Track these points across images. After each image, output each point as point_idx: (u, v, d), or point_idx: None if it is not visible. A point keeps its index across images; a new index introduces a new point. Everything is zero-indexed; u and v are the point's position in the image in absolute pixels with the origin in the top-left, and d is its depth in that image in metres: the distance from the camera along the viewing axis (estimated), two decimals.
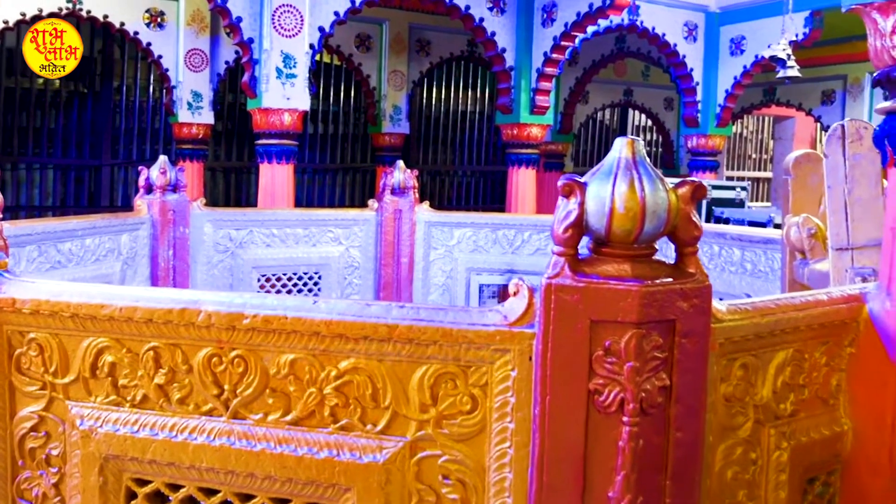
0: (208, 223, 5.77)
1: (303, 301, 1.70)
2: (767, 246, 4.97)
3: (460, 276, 6.48)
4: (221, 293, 1.77)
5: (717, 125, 9.20)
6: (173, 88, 8.97)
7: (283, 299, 1.73)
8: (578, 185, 1.51)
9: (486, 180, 13.60)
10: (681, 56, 9.10)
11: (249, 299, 1.72)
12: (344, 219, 6.31)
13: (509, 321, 1.59)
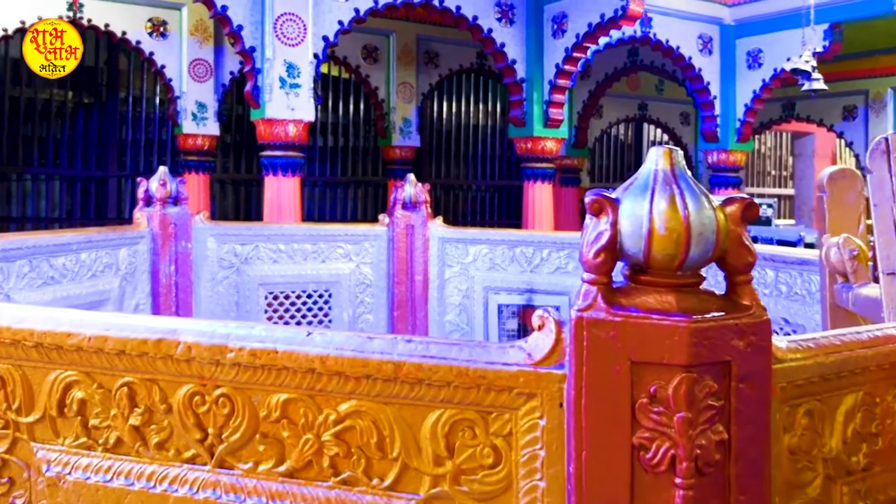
0: (212, 237, 5.57)
1: (295, 332, 1.48)
2: (804, 267, 4.71)
3: (478, 296, 6.25)
4: (202, 322, 1.55)
5: (738, 140, 8.97)
6: (177, 99, 8.80)
7: (273, 330, 1.51)
8: (609, 202, 1.28)
9: (499, 195, 13.39)
10: (696, 69, 8.89)
11: (234, 329, 1.50)
12: (354, 234, 6.10)
13: (534, 360, 1.37)
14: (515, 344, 1.40)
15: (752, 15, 8.91)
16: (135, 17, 8.52)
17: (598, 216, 1.29)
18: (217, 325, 1.52)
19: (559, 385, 1.34)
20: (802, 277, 4.71)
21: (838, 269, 3.63)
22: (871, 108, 10.45)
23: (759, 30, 8.80)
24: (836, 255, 3.59)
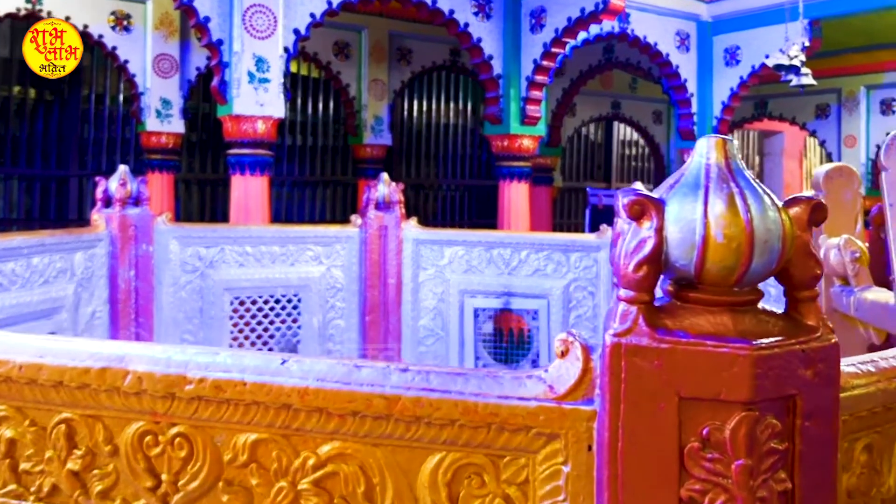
0: (174, 240, 5.28)
1: (267, 360, 1.24)
2: None
3: (453, 300, 6.01)
4: (156, 347, 1.30)
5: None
6: (141, 95, 8.45)
7: (240, 357, 1.26)
8: (654, 204, 1.06)
9: (470, 195, 13.17)
10: (674, 66, 8.73)
11: (194, 356, 1.26)
12: (325, 236, 5.84)
13: (557, 393, 1.14)
14: (534, 373, 1.17)
15: (729, 11, 8.78)
16: (97, 10, 8.17)
17: (638, 220, 1.06)
18: (173, 350, 1.27)
19: (588, 424, 1.11)
20: None
21: (838, 271, 3.46)
22: (843, 107, 10.39)
23: (737, 26, 8.66)
24: (837, 258, 3.42)
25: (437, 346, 6.06)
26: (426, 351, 6.05)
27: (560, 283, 5.85)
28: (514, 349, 6.10)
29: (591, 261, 5.80)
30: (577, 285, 5.83)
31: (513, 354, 6.09)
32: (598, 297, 5.78)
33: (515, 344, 6.16)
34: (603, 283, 5.76)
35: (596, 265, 5.78)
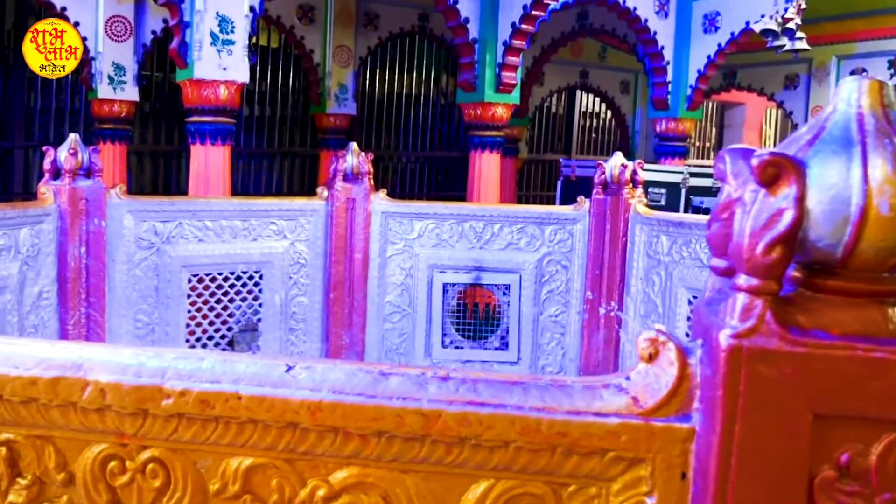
0: (129, 214, 4.93)
1: (267, 367, 0.98)
2: None
3: (422, 275, 5.76)
4: (124, 350, 1.03)
5: (688, 108, 8.63)
6: (92, 60, 7.96)
7: (234, 362, 1.00)
8: (794, 167, 0.81)
9: (430, 167, 12.88)
10: (651, 32, 8.45)
11: (173, 362, 0.99)
12: (289, 209, 5.53)
13: (644, 407, 0.90)
14: (611, 381, 0.93)
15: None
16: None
17: (771, 187, 0.81)
18: (145, 355, 1.00)
19: (683, 446, 0.88)
20: None
21: None
22: (813, 77, 10.27)
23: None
24: None
25: (403, 323, 5.82)
26: (392, 328, 5.81)
27: (533, 257, 5.64)
28: (483, 325, 5.89)
29: (566, 234, 5.59)
30: (550, 259, 5.63)
31: (481, 331, 5.88)
32: (572, 271, 5.58)
33: (484, 320, 5.94)
34: (577, 256, 5.56)
35: (571, 238, 5.58)
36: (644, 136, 12.40)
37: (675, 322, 4.96)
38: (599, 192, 5.45)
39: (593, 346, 5.51)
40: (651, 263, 5.18)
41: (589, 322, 5.50)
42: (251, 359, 1.04)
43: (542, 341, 5.69)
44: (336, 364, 1.02)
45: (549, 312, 5.66)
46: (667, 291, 5.04)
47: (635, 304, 5.29)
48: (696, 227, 4.85)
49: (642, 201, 5.37)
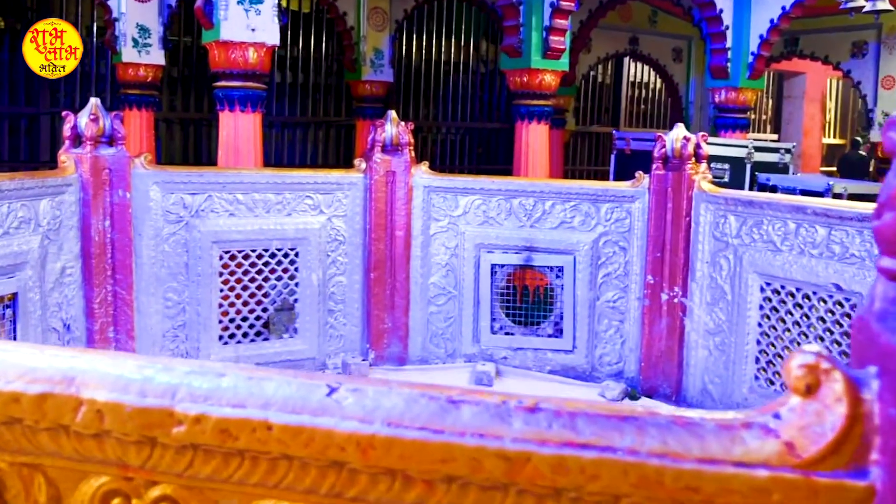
0: (155, 185, 4.60)
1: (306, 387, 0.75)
2: (864, 224, 3.94)
3: (468, 254, 5.39)
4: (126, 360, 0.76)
5: (750, 77, 8.11)
6: (115, 22, 7.60)
7: (262, 380, 0.73)
8: None
9: (471, 139, 12.46)
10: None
11: (186, 377, 0.74)
12: (326, 182, 5.17)
13: (802, 456, 0.64)
14: (754, 419, 0.61)
15: None
16: None
17: None
18: (153, 367, 0.77)
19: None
20: (862, 236, 3.94)
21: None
22: (883, 45, 9.65)
23: None
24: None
25: (448, 306, 5.46)
26: (437, 311, 5.46)
27: (588, 237, 5.23)
28: (535, 310, 5.50)
29: (623, 212, 5.17)
30: (607, 239, 5.22)
31: (533, 316, 5.49)
32: (631, 253, 5.18)
33: (536, 304, 5.55)
34: (636, 237, 5.15)
35: (629, 217, 5.16)
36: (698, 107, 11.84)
37: (746, 311, 4.54)
38: (660, 168, 5.02)
39: (655, 335, 5.11)
40: (718, 246, 4.75)
41: (650, 309, 5.10)
42: (283, 377, 0.73)
43: (599, 329, 5.30)
44: (391, 387, 0.78)
45: (606, 297, 5.26)
46: (736, 277, 4.62)
47: (701, 290, 4.87)
48: (768, 206, 4.42)
49: (707, 177, 4.94)
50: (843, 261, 4.05)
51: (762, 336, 4.51)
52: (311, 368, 5.23)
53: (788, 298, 4.35)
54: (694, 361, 4.97)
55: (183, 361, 0.79)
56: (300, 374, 0.78)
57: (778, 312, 4.42)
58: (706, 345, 4.87)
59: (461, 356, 5.50)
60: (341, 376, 0.78)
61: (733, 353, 4.67)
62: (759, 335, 4.52)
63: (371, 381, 0.79)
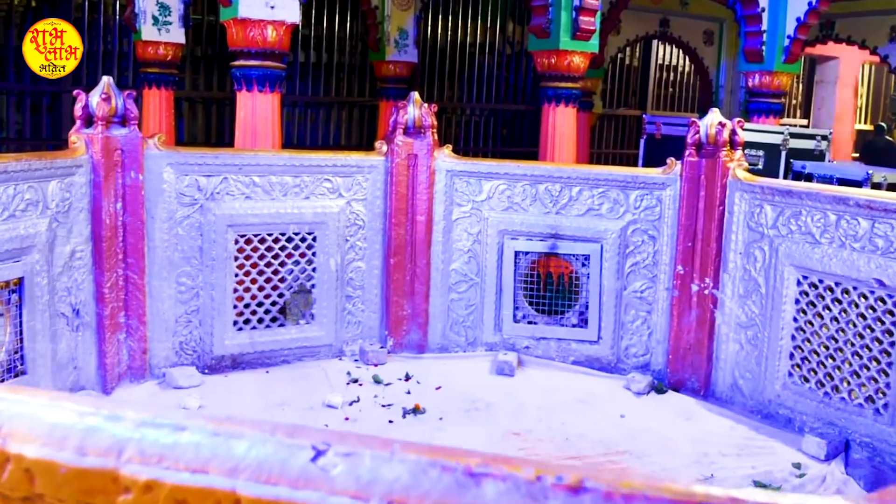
0: (169, 167, 4.46)
1: (285, 449, 0.60)
2: None
3: (491, 241, 5.21)
4: (65, 402, 0.63)
5: (785, 60, 7.82)
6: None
7: (231, 437, 0.57)
8: None
9: (496, 121, 12.23)
10: None
11: (138, 429, 0.62)
12: (345, 165, 5.01)
13: None
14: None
15: None
16: None
17: None
18: (97, 415, 0.66)
19: None
20: None
21: None
22: None
23: None
24: None
25: (470, 293, 5.30)
26: (458, 298, 5.30)
27: (616, 225, 5.04)
28: (559, 299, 5.32)
29: (653, 200, 4.97)
30: (635, 228, 5.02)
31: (557, 305, 5.31)
32: (660, 243, 4.98)
33: (560, 293, 5.36)
34: (667, 225, 4.95)
35: (659, 205, 4.96)
36: (729, 90, 11.54)
37: (781, 305, 4.34)
38: (693, 154, 4.81)
39: (684, 328, 4.91)
40: (752, 237, 4.54)
41: (679, 300, 4.90)
42: (258, 433, 0.55)
43: (625, 319, 5.11)
44: (393, 451, 0.61)
45: (633, 287, 5.06)
46: (771, 269, 4.41)
47: (733, 282, 4.67)
48: (808, 197, 4.20)
49: (743, 165, 4.72)
50: (886, 255, 3.83)
51: (798, 331, 4.31)
52: (328, 355, 5.10)
53: (827, 293, 4.15)
54: (724, 355, 4.78)
55: (135, 408, 0.62)
56: (280, 429, 0.62)
57: (815, 307, 4.22)
58: (737, 338, 4.68)
59: (482, 345, 5.34)
60: (332, 434, 0.61)
61: (766, 348, 4.48)
62: (794, 330, 4.32)
63: (368, 443, 0.63)
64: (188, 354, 4.68)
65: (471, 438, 4.14)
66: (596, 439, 4.25)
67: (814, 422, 4.22)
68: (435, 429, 4.27)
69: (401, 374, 4.94)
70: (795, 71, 8.17)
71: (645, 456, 4.09)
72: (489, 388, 4.85)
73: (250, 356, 4.87)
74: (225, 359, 4.79)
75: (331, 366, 5.02)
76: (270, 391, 4.60)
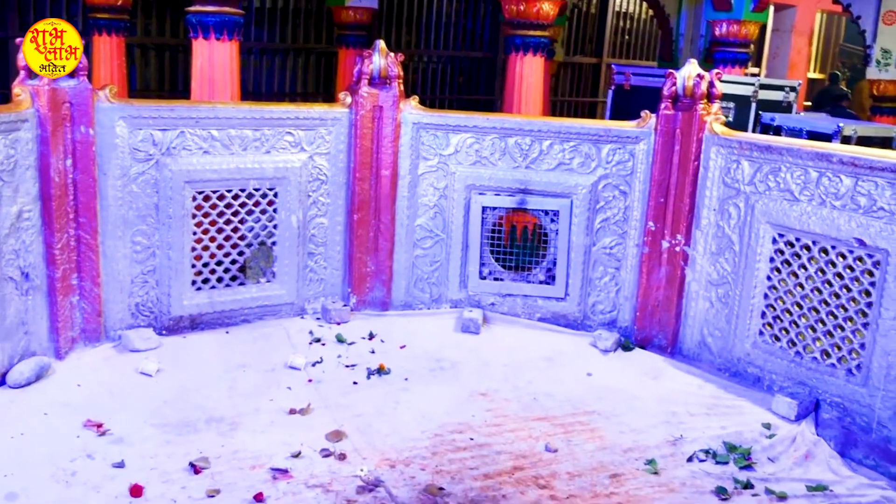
0: (122, 121, 4.23)
1: None
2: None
3: (458, 196, 5.08)
4: None
5: (754, 9, 7.69)
6: None
7: None
8: None
9: (453, 68, 11.97)
10: None
11: None
12: (308, 117, 4.81)
13: None
14: None
15: None
16: None
17: None
18: None
19: None
20: (893, 189, 3.66)
21: None
22: None
23: None
24: None
25: (435, 250, 5.17)
26: (423, 255, 5.17)
27: (587, 180, 4.93)
28: (527, 256, 5.22)
29: (626, 154, 4.87)
30: (607, 183, 4.93)
31: (524, 262, 5.21)
32: (632, 198, 4.89)
33: (528, 250, 5.26)
34: (639, 181, 4.86)
35: (632, 159, 4.87)
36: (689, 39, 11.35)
37: (755, 263, 4.28)
38: (668, 107, 4.70)
39: (653, 284, 4.85)
40: (728, 193, 4.46)
41: (649, 256, 4.82)
42: None
43: (593, 276, 5.03)
44: None
45: (603, 244, 4.98)
46: (746, 226, 4.34)
47: (706, 238, 4.60)
48: (788, 153, 4.12)
49: (720, 119, 4.62)
50: (868, 214, 3.77)
51: (771, 290, 4.26)
52: (289, 314, 4.95)
53: (803, 252, 4.09)
54: (693, 313, 4.73)
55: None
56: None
57: (790, 266, 4.16)
58: (708, 296, 4.63)
59: (447, 302, 5.23)
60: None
61: (737, 306, 4.43)
62: (767, 289, 4.28)
63: None
64: (145, 316, 4.50)
65: (436, 399, 4.06)
66: (563, 398, 4.19)
67: (784, 381, 4.19)
68: (400, 389, 4.17)
69: (364, 333, 4.82)
70: (763, 20, 8.05)
71: (613, 416, 4.04)
72: (454, 347, 4.76)
73: (210, 316, 4.70)
74: (183, 319, 4.61)
75: (293, 325, 4.88)
76: (231, 352, 4.45)
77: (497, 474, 3.40)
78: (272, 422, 3.72)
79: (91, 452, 3.32)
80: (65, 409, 3.66)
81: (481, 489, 3.27)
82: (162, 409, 3.74)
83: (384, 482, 3.25)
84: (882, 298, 3.71)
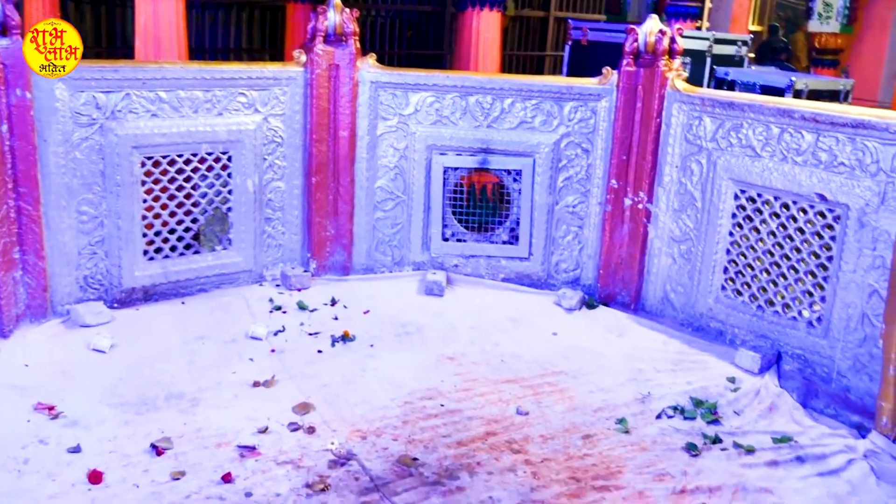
0: (61, 83, 3.99)
1: None
2: (858, 131, 3.64)
3: (418, 156, 4.96)
4: None
5: None
6: None
7: None
8: None
9: (401, 22, 11.71)
10: None
11: None
12: (261, 77, 4.62)
13: None
14: None
15: None
16: None
17: None
18: None
19: None
20: (854, 144, 3.65)
21: None
22: None
23: None
24: None
25: (396, 212, 5.06)
26: (384, 217, 5.05)
27: (549, 139, 4.85)
28: (489, 216, 5.14)
29: (588, 112, 4.79)
30: (569, 141, 4.85)
31: (487, 222, 5.14)
32: (594, 156, 4.83)
33: (491, 210, 5.18)
34: (601, 138, 4.79)
35: (594, 117, 4.79)
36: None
37: (717, 220, 4.26)
38: (630, 64, 4.62)
39: (616, 242, 4.81)
40: (690, 150, 4.42)
41: (612, 214, 4.78)
42: None
43: (556, 235, 4.98)
44: None
45: (565, 202, 4.92)
46: (708, 183, 4.32)
47: (668, 195, 4.56)
48: (750, 109, 4.08)
49: (682, 75, 4.56)
50: (829, 170, 3.76)
51: (733, 245, 4.26)
52: (248, 281, 4.81)
53: (765, 207, 4.08)
54: (656, 269, 4.71)
55: None
56: None
57: (752, 221, 4.15)
58: (670, 252, 4.61)
59: (409, 264, 5.14)
60: None
61: (700, 262, 4.42)
62: (729, 244, 4.27)
63: None
64: (94, 289, 4.31)
65: (404, 365, 3.99)
66: (531, 359, 4.16)
67: (746, 335, 4.21)
68: (366, 356, 4.09)
69: (326, 299, 4.71)
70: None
71: (581, 375, 4.02)
72: (419, 310, 4.68)
73: (164, 287, 4.53)
74: (136, 291, 4.44)
75: (252, 293, 4.74)
76: (188, 323, 4.30)
77: (470, 441, 3.34)
78: (236, 395, 3.60)
79: (44, 437, 3.15)
80: (12, 391, 3.47)
81: (455, 457, 3.21)
82: (118, 388, 3.58)
83: (356, 455, 3.17)
84: (842, 252, 3.73)
